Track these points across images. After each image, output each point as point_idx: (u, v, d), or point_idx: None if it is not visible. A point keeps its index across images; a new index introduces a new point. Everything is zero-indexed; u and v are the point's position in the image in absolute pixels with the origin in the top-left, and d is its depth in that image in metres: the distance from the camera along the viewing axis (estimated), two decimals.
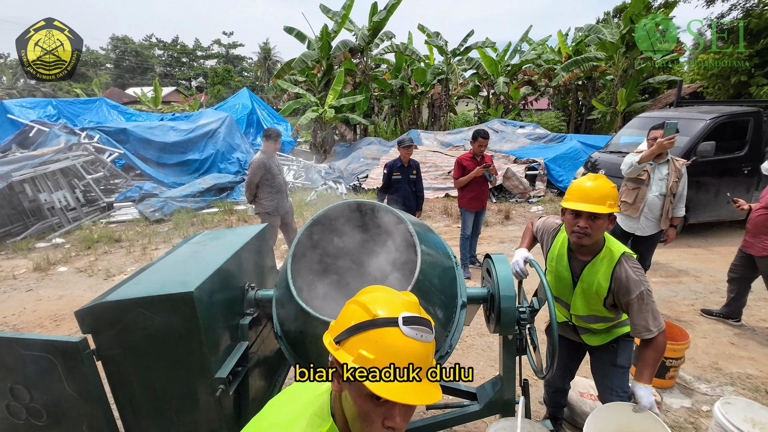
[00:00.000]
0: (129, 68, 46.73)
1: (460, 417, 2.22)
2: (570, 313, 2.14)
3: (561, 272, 2.07)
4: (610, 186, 1.86)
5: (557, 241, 2.10)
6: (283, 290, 1.78)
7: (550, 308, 1.82)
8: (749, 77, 10.89)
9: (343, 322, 0.82)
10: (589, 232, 1.84)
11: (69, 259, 5.65)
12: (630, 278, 1.85)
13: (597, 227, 1.84)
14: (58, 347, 1.77)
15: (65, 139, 7.82)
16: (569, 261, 2.03)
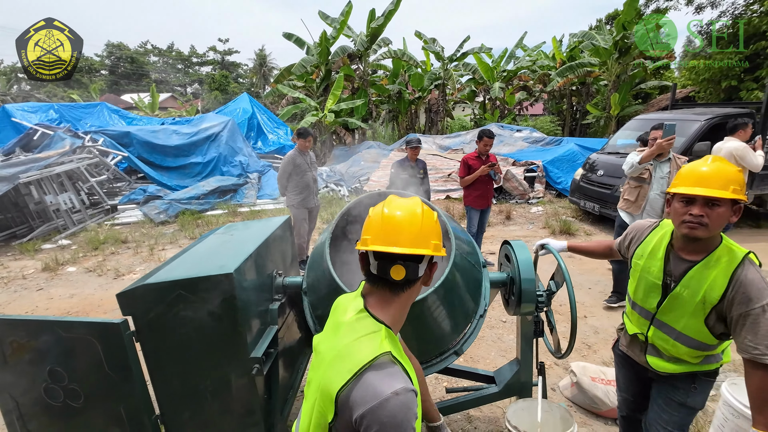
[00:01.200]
0: (124, 74, 46.69)
1: (480, 399, 2.32)
2: (649, 325, 1.72)
3: (650, 272, 1.69)
4: (734, 170, 1.48)
5: (653, 236, 1.73)
6: (319, 275, 1.86)
7: (569, 290, 1.91)
8: (739, 82, 11.19)
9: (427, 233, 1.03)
10: (706, 222, 1.46)
11: (77, 260, 5.67)
12: (755, 283, 1.44)
13: (716, 217, 1.46)
14: (99, 329, 1.84)
15: (70, 142, 7.86)
16: (666, 260, 1.65)
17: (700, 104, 9.92)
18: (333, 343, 1.04)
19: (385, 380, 0.90)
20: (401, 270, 0.98)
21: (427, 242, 1.01)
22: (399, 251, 0.97)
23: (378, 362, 0.92)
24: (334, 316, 1.15)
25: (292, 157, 4.83)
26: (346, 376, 0.91)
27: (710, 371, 1.69)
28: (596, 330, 3.68)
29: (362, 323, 1.02)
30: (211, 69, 48.53)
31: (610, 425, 2.59)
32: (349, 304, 1.11)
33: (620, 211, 3.99)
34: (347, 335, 1.01)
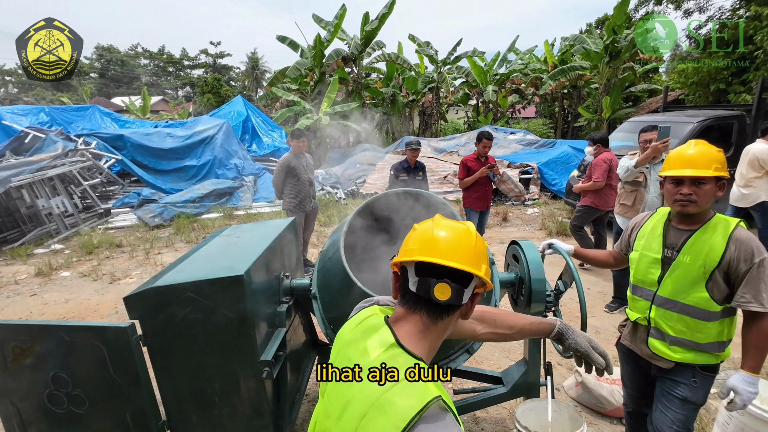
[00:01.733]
0: (114, 78, 46.24)
1: (487, 399, 2.31)
2: (650, 305, 1.81)
3: (650, 248, 1.81)
4: (714, 150, 1.68)
5: (652, 219, 1.89)
6: (332, 276, 1.85)
7: (579, 290, 1.92)
8: (727, 85, 11.42)
9: (480, 255, 0.92)
10: (695, 199, 1.65)
11: (71, 264, 5.58)
12: (753, 241, 1.61)
13: (703, 194, 1.65)
14: (106, 333, 1.80)
15: (62, 145, 7.74)
16: (665, 235, 1.79)
17: (692, 107, 10.10)
18: (358, 391, 0.82)
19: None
20: (447, 289, 0.85)
21: (479, 264, 0.89)
22: (451, 264, 0.85)
23: (428, 413, 0.75)
24: (345, 354, 0.93)
25: (287, 160, 4.74)
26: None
27: (709, 366, 1.74)
28: (597, 330, 3.71)
29: (397, 362, 0.83)
30: (203, 72, 48.25)
31: (615, 424, 2.61)
32: (365, 336, 0.92)
33: (617, 216, 3.95)
34: (372, 391, 0.80)
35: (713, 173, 1.64)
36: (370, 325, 0.94)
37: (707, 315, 1.67)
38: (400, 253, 0.94)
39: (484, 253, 0.94)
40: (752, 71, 10.39)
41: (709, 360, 1.73)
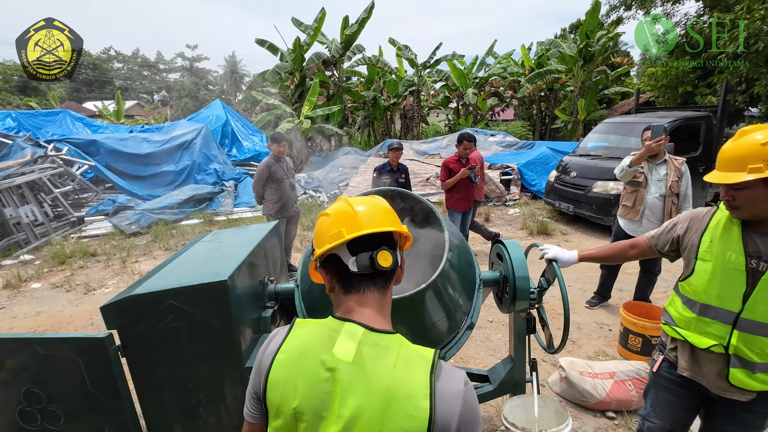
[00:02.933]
0: (86, 81, 44.74)
1: None
2: (731, 329, 1.44)
3: (727, 258, 1.44)
4: (754, 143, 1.34)
5: (717, 218, 1.53)
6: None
7: (562, 289, 1.96)
8: (694, 87, 11.93)
9: (395, 216, 0.96)
10: (736, 205, 1.39)
11: (42, 275, 5.34)
12: None
13: (744, 198, 1.36)
14: (82, 345, 1.74)
15: (31, 151, 7.43)
16: (746, 240, 1.42)
17: (662, 108, 10.50)
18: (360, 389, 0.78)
19: (451, 377, 0.81)
20: (388, 255, 0.86)
21: (399, 224, 0.93)
22: (384, 229, 0.87)
23: (437, 369, 0.80)
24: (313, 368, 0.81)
25: (267, 165, 4.66)
26: (423, 411, 0.74)
27: None
28: (579, 326, 3.79)
29: (380, 348, 0.81)
30: (179, 76, 47.27)
31: (598, 417, 2.67)
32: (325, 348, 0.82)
33: (619, 218, 3.86)
34: (377, 375, 0.78)
35: (745, 176, 1.32)
36: (321, 336, 0.85)
37: None
38: (322, 245, 0.90)
39: (394, 213, 0.97)
40: (716, 74, 10.88)
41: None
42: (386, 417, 0.75)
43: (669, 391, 1.69)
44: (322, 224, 0.93)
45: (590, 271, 4.91)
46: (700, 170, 6.45)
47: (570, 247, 5.85)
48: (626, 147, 6.48)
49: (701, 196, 6.60)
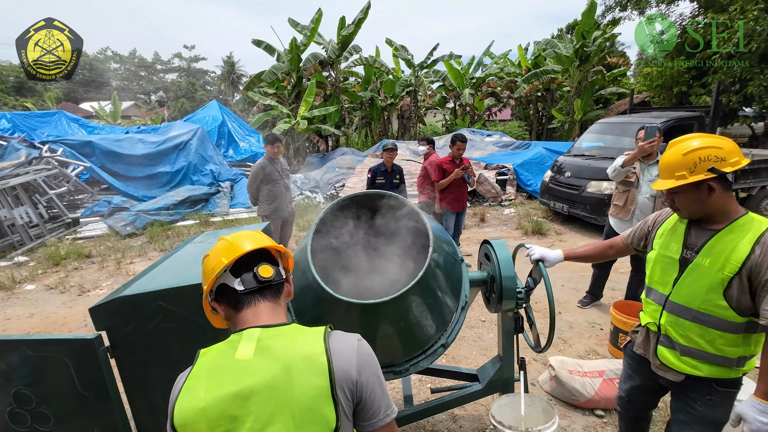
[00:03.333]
0: (82, 82, 44.59)
1: (464, 397, 2.35)
2: (662, 310, 1.65)
3: (669, 248, 1.65)
4: (678, 154, 1.52)
5: (672, 217, 1.73)
6: (302, 280, 1.84)
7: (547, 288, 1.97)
8: (689, 87, 12.00)
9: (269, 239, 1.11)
10: (676, 207, 1.61)
11: (36, 277, 5.34)
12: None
13: (681, 201, 1.57)
14: (71, 346, 1.75)
15: (26, 152, 7.42)
16: (688, 234, 1.62)
17: (656, 108, 10.56)
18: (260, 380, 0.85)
19: (344, 336, 0.97)
20: (267, 267, 1.00)
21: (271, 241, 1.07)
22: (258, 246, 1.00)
23: (330, 334, 0.96)
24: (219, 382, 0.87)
25: (262, 166, 4.67)
26: (322, 366, 0.87)
27: (726, 381, 1.55)
28: (571, 325, 3.82)
29: (276, 337, 0.93)
30: (177, 76, 47.20)
31: (588, 416, 2.69)
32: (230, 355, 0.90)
33: (611, 217, 3.89)
34: (277, 355, 0.89)
35: (673, 183, 1.52)
36: (224, 352, 0.92)
37: (726, 326, 1.48)
38: (208, 279, 1.00)
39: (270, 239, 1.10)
40: (711, 75, 10.95)
41: (726, 374, 1.54)
42: (293, 381, 0.86)
43: (634, 370, 1.89)
44: (205, 264, 1.04)
45: (583, 271, 4.94)
46: None
47: (564, 246, 5.88)
48: (620, 147, 6.52)
49: None
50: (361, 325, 1.68)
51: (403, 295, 1.60)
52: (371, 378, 0.93)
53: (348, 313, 1.65)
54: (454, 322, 2.04)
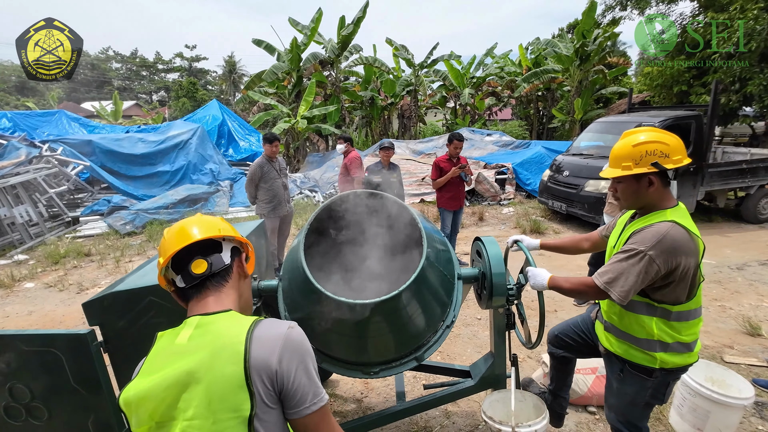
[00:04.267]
0: (84, 82, 44.72)
1: (456, 393, 2.36)
2: None
3: (614, 235, 1.84)
4: (627, 145, 1.60)
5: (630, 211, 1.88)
6: (295, 277, 1.86)
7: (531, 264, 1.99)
8: (689, 87, 11.97)
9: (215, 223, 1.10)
10: (618, 196, 1.72)
11: (35, 275, 5.37)
12: (649, 233, 1.53)
13: (622, 191, 1.67)
14: (64, 341, 1.77)
15: (26, 151, 7.45)
16: (626, 224, 1.78)
17: (655, 107, 10.55)
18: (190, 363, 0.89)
19: (274, 324, 0.96)
20: (201, 263, 1.00)
21: (215, 229, 1.05)
22: (183, 245, 0.99)
23: (256, 322, 0.95)
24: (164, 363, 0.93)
25: (260, 165, 4.68)
26: (239, 354, 0.87)
27: (639, 366, 1.68)
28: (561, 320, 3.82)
29: (211, 323, 0.96)
30: (178, 76, 47.27)
31: (580, 412, 2.70)
32: (173, 340, 0.96)
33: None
34: (207, 340, 0.92)
35: (619, 173, 1.61)
36: (171, 338, 0.98)
37: (630, 304, 1.66)
38: (159, 280, 1.07)
39: (218, 221, 1.10)
40: (711, 74, 10.93)
41: (641, 359, 1.68)
42: (213, 368, 0.88)
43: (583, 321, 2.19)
44: (156, 265, 1.08)
45: (579, 269, 4.95)
46: (690, 169, 6.50)
47: None
48: None
49: (692, 194, 6.65)
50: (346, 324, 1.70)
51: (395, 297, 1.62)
52: (295, 366, 0.91)
53: (337, 310, 1.67)
54: (434, 340, 2.04)
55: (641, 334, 1.67)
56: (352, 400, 2.85)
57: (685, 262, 1.51)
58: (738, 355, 3.23)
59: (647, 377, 1.69)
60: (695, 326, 1.67)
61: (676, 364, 1.66)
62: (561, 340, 2.25)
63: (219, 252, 1.04)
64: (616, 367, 1.80)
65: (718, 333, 3.61)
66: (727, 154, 8.21)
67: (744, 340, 3.47)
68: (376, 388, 2.96)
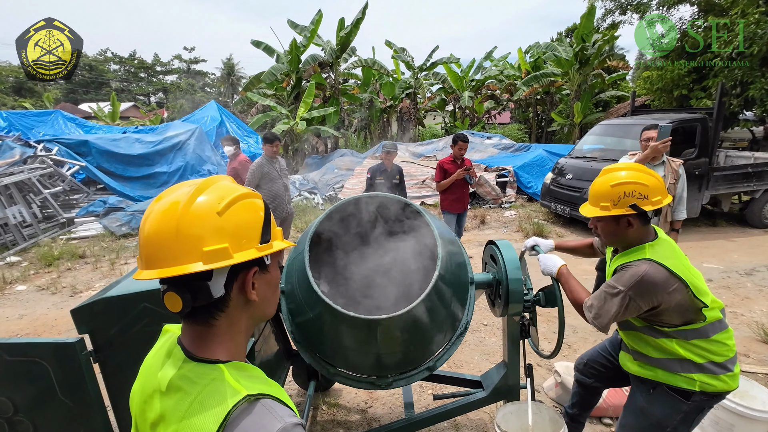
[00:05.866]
0: (82, 83, 44.47)
1: (468, 405, 2.25)
2: None
3: (607, 255, 1.89)
4: (606, 185, 1.60)
5: None
6: (299, 285, 1.74)
7: (559, 306, 1.89)
8: (689, 91, 11.94)
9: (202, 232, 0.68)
10: (598, 233, 1.72)
11: (28, 277, 5.22)
12: (628, 273, 1.54)
13: (602, 230, 1.67)
14: (51, 350, 1.65)
15: (20, 151, 7.31)
16: (612, 254, 1.82)
17: (658, 110, 10.50)
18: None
19: (261, 422, 0.65)
20: (175, 299, 0.68)
21: (192, 252, 0.67)
22: (146, 277, 0.68)
23: (237, 412, 0.65)
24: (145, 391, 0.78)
25: (260, 165, 4.56)
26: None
27: (676, 388, 1.60)
28: (575, 329, 3.72)
29: (189, 381, 0.70)
30: (177, 78, 47.15)
31: (594, 424, 2.59)
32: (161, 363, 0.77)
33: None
34: (174, 410, 0.69)
35: (597, 213, 1.62)
36: (163, 352, 0.81)
37: (644, 331, 1.65)
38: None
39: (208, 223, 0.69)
40: (711, 78, 10.90)
41: (680, 382, 1.59)
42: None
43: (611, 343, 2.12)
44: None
45: (586, 275, 4.85)
46: (696, 173, 6.42)
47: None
48: (622, 149, 6.44)
49: (697, 198, 6.57)
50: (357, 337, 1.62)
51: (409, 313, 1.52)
52: None
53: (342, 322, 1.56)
54: (446, 347, 1.95)
55: (670, 356, 1.61)
56: (356, 411, 2.73)
57: (667, 299, 1.51)
58: (755, 364, 3.13)
59: (684, 400, 1.60)
60: (721, 342, 1.59)
61: (717, 389, 1.57)
62: (591, 369, 2.12)
63: (207, 279, 0.70)
64: (647, 385, 1.69)
65: None
66: (730, 158, 8.16)
67: (759, 348, 3.37)
68: (381, 397, 2.84)
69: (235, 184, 0.78)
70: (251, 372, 0.76)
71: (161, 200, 0.72)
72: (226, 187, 0.75)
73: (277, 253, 0.80)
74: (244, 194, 0.74)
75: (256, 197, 0.77)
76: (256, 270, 0.75)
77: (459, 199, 4.89)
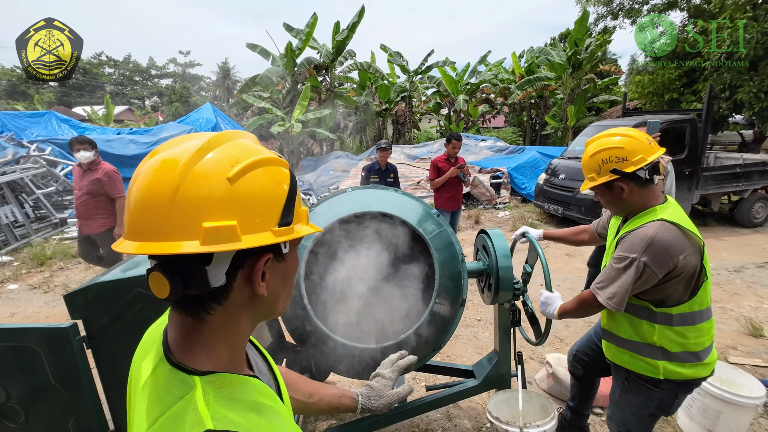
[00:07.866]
0: (76, 86, 44.27)
1: (459, 393, 2.26)
2: None
3: (609, 236, 1.79)
4: (585, 158, 1.62)
5: None
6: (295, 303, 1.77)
7: (541, 258, 1.90)
8: (680, 95, 12.14)
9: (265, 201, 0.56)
10: (601, 204, 1.70)
11: (20, 276, 5.19)
12: (636, 237, 1.45)
13: (602, 200, 1.66)
14: (43, 335, 1.65)
15: (12, 151, 7.27)
16: (619, 225, 1.72)
17: (648, 111, 10.66)
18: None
19: None
20: (161, 282, 0.52)
21: (188, 226, 0.50)
22: (126, 250, 0.52)
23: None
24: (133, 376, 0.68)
25: None
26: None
27: (643, 376, 1.59)
28: (567, 324, 3.75)
29: (164, 382, 0.57)
30: (172, 81, 47.09)
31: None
32: (150, 349, 0.65)
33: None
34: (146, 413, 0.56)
35: (590, 184, 1.62)
36: (154, 337, 0.68)
37: (628, 309, 1.56)
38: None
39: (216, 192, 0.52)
40: (701, 82, 11.10)
41: (643, 369, 1.58)
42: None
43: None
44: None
45: (578, 272, 4.90)
46: (686, 172, 6.52)
47: (558, 247, 5.85)
48: None
49: (687, 198, 6.67)
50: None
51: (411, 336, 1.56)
52: None
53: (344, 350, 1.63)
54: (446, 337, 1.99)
55: (640, 340, 1.58)
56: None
57: (683, 262, 1.41)
58: (742, 356, 3.18)
59: (653, 388, 1.59)
60: (703, 332, 1.55)
61: (683, 377, 1.54)
62: (580, 359, 2.17)
63: (206, 263, 0.54)
64: (621, 375, 1.71)
65: (720, 334, 3.56)
66: (719, 159, 8.29)
67: (747, 341, 3.42)
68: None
69: (258, 145, 0.61)
70: (236, 391, 0.58)
71: (157, 155, 0.55)
72: (244, 146, 0.57)
73: (298, 239, 0.63)
74: (267, 159, 0.57)
75: (282, 165, 0.60)
76: (270, 258, 0.58)
77: (453, 198, 4.93)
